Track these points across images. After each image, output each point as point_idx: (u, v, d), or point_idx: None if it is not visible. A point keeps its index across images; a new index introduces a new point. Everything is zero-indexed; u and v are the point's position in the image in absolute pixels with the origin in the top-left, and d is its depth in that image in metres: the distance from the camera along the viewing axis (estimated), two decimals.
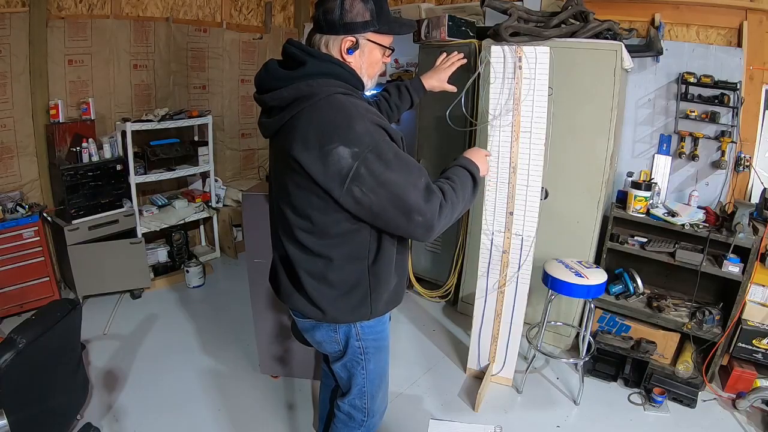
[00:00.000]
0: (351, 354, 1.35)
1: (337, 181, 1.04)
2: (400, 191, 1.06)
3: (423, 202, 1.08)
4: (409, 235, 1.13)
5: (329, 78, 1.11)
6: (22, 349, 1.53)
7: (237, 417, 2.17)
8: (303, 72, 1.11)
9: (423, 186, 1.10)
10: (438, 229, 1.12)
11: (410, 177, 1.08)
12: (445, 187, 1.15)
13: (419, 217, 1.07)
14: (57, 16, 2.98)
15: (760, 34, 2.46)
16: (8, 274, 2.76)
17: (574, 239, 2.54)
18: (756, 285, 2.23)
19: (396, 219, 1.09)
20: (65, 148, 2.97)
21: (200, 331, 2.86)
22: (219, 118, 3.95)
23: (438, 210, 1.10)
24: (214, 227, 3.86)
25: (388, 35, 1.19)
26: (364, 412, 1.45)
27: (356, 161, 1.03)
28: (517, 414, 2.24)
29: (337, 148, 1.02)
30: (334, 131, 1.04)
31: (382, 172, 1.04)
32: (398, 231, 1.13)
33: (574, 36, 2.36)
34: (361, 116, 1.07)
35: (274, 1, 4.19)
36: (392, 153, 1.07)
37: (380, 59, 1.22)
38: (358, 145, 1.03)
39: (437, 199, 1.10)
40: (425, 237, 1.12)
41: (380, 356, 1.40)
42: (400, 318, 3.02)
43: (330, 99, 1.08)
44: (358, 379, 1.39)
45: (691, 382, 2.31)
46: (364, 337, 1.32)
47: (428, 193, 1.10)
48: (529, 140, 2.08)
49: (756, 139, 2.53)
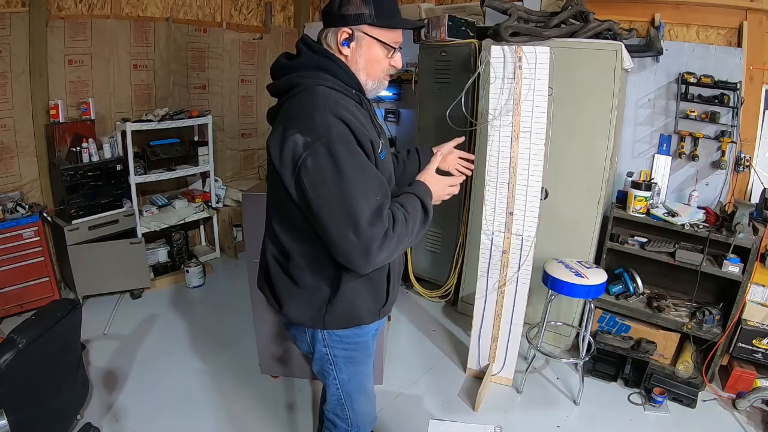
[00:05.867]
0: (319, 358, 1.29)
1: (289, 169, 1.02)
2: (342, 197, 0.98)
3: (367, 222, 0.98)
4: (342, 255, 1.03)
5: (320, 71, 1.11)
6: (22, 349, 1.53)
7: (237, 417, 2.17)
8: (296, 63, 1.13)
9: (375, 204, 1.00)
10: (376, 260, 1.02)
11: (360, 187, 0.99)
12: (398, 216, 1.05)
13: (355, 237, 0.98)
14: (57, 16, 2.98)
15: (760, 34, 2.46)
16: (8, 274, 2.76)
17: (574, 239, 2.54)
18: (756, 285, 2.23)
19: (331, 229, 1.00)
20: (65, 148, 2.97)
21: (200, 331, 2.86)
22: (219, 118, 3.95)
23: (382, 238, 1.00)
24: (214, 227, 3.86)
25: (387, 30, 1.13)
26: (347, 422, 1.40)
27: (305, 150, 0.99)
28: (517, 414, 2.24)
29: (294, 135, 1.01)
30: (296, 119, 1.03)
31: (328, 168, 0.98)
32: (332, 247, 1.03)
33: (574, 36, 2.36)
34: (326, 107, 1.03)
35: (274, 1, 4.19)
36: (347, 151, 1.00)
37: (383, 58, 1.16)
38: (311, 135, 1.00)
39: (382, 227, 1.00)
40: (359, 264, 1.02)
41: (355, 369, 1.32)
42: (400, 318, 3.02)
43: (310, 90, 1.07)
44: (331, 388, 1.34)
45: (691, 382, 2.31)
46: (331, 345, 1.25)
47: (377, 215, 1.00)
48: (529, 140, 2.08)
49: (756, 139, 2.53)
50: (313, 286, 1.18)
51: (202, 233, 4.06)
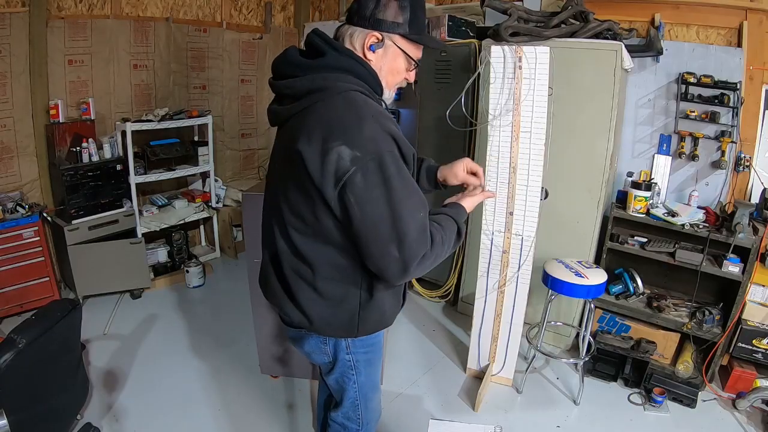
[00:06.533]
0: (341, 367, 1.28)
1: (332, 183, 0.97)
2: (390, 215, 0.96)
3: (413, 240, 0.97)
4: (380, 269, 1.02)
5: (347, 74, 1.05)
6: (22, 349, 1.53)
7: (237, 417, 2.17)
8: (321, 63, 1.05)
9: (420, 222, 1.00)
10: (411, 275, 1.01)
11: (408, 205, 0.98)
12: (436, 236, 1.05)
13: (398, 254, 0.97)
14: (57, 16, 2.98)
15: (760, 34, 2.46)
16: (8, 274, 2.76)
17: (574, 239, 2.54)
18: (756, 285, 2.23)
19: (374, 245, 0.99)
20: (65, 148, 2.97)
21: (200, 331, 2.86)
22: (219, 118, 3.95)
23: (421, 256, 1.00)
24: (214, 227, 3.86)
25: (416, 44, 1.12)
26: (358, 422, 1.40)
27: (354, 166, 0.94)
28: (517, 414, 2.24)
29: (339, 147, 0.95)
30: (340, 129, 0.97)
31: (378, 185, 0.96)
32: (370, 260, 1.02)
33: (574, 36, 2.36)
34: (373, 119, 0.98)
35: (274, 1, 4.19)
36: (395, 168, 0.98)
37: (403, 70, 1.15)
38: (361, 150, 0.95)
39: (425, 246, 1.01)
40: (395, 277, 1.02)
41: (371, 368, 1.34)
42: (400, 318, 3.02)
43: (346, 96, 1.02)
44: (350, 393, 1.34)
45: (691, 382, 2.31)
46: (354, 351, 1.26)
47: (422, 232, 1.00)
48: (529, 140, 2.08)
49: (756, 139, 2.53)
50: (342, 296, 1.15)
51: (202, 233, 4.06)
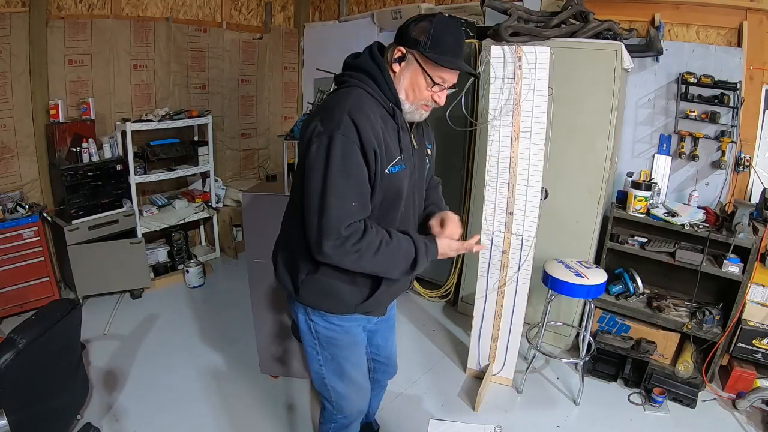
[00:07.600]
0: (302, 327, 1.40)
1: (302, 147, 1.16)
2: (320, 189, 1.10)
3: (333, 218, 1.09)
4: (307, 235, 1.16)
5: (368, 77, 1.20)
6: (22, 349, 1.53)
7: (237, 417, 2.17)
8: (354, 63, 1.24)
9: (347, 209, 1.10)
10: (328, 255, 1.13)
11: (341, 185, 1.09)
12: (371, 236, 1.14)
13: (317, 225, 1.11)
14: (57, 16, 2.98)
15: (760, 34, 2.45)
16: (8, 274, 2.76)
17: (574, 239, 2.54)
18: (756, 285, 2.23)
19: (306, 211, 1.14)
20: (65, 148, 2.97)
21: (200, 331, 2.86)
22: (219, 118, 3.95)
23: (341, 239, 1.10)
24: (214, 227, 3.86)
25: (434, 65, 1.16)
26: (332, 404, 1.48)
27: (316, 138, 1.11)
28: (517, 414, 2.24)
29: (316, 120, 1.14)
30: (325, 110, 1.16)
31: (320, 159, 1.10)
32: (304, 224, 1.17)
33: (574, 36, 2.36)
34: (347, 107, 1.11)
35: (274, 1, 4.19)
36: (341, 152, 1.09)
37: (424, 88, 1.20)
38: (325, 127, 1.11)
39: (345, 230, 1.10)
40: (313, 249, 1.15)
41: (337, 351, 1.40)
42: (400, 318, 3.02)
43: (352, 90, 1.18)
44: (314, 366, 1.43)
45: (691, 382, 2.31)
46: (314, 319, 1.36)
47: (344, 217, 1.10)
48: (529, 140, 2.08)
49: (756, 139, 2.53)
50: (299, 258, 1.27)
51: (202, 233, 4.06)
